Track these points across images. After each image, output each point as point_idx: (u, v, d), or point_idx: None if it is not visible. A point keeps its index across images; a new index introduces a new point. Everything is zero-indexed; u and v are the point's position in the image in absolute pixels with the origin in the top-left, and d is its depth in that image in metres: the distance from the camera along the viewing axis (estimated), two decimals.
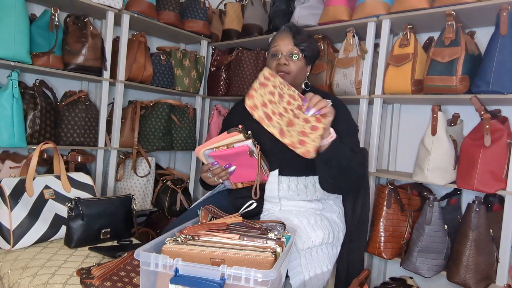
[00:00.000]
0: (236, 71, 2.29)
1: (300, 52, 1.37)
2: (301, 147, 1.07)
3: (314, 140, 1.07)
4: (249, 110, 1.08)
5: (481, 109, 1.43)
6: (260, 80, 1.11)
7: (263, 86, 1.10)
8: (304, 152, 1.07)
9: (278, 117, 1.07)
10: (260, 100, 1.07)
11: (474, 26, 1.67)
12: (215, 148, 1.17)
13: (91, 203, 1.34)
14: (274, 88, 1.10)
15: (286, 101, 1.10)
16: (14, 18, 1.58)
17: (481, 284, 1.41)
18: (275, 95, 1.09)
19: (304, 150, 1.07)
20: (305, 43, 1.38)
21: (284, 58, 1.37)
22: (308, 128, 1.09)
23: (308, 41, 1.40)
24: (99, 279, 0.98)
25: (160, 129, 2.17)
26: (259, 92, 1.09)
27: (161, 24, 2.17)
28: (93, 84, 2.14)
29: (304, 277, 1.16)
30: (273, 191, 1.28)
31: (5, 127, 1.57)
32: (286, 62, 1.36)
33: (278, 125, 1.06)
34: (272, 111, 1.07)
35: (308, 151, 1.07)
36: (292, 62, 1.37)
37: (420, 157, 1.59)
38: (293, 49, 1.37)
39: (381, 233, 1.64)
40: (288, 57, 1.37)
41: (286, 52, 1.37)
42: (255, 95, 1.08)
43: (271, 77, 1.12)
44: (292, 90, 1.13)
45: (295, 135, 1.07)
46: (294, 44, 1.37)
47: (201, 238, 0.94)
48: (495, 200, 1.52)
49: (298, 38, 1.38)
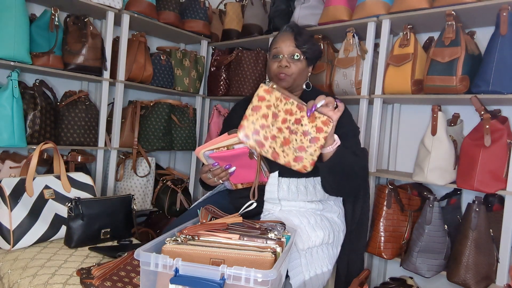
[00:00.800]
0: (236, 71, 2.29)
1: (302, 54, 1.36)
2: (297, 164, 1.09)
3: (312, 154, 1.09)
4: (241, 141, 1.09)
5: (481, 109, 1.43)
6: (253, 104, 1.08)
7: (256, 110, 1.08)
8: (300, 169, 1.10)
9: (270, 141, 1.08)
10: (251, 128, 1.07)
11: (474, 26, 1.67)
12: (215, 149, 1.17)
13: (91, 203, 1.34)
14: (268, 109, 1.08)
15: (281, 120, 1.08)
16: (14, 18, 1.58)
17: (481, 284, 1.41)
18: (268, 118, 1.08)
19: (300, 166, 1.09)
20: (307, 45, 1.37)
21: (286, 60, 1.35)
22: (306, 141, 1.09)
23: (310, 42, 1.39)
24: (99, 279, 0.98)
25: (160, 129, 2.17)
26: (251, 119, 1.07)
27: (161, 24, 2.17)
28: (93, 84, 2.14)
29: (304, 277, 1.16)
30: (273, 192, 1.28)
31: (5, 127, 1.57)
32: (287, 64, 1.35)
33: (270, 149, 1.08)
34: (264, 136, 1.07)
35: (304, 167, 1.09)
36: (293, 63, 1.36)
37: (420, 157, 1.59)
38: (294, 50, 1.36)
39: (381, 233, 1.64)
40: (290, 59, 1.36)
41: (287, 53, 1.36)
42: (245, 125, 1.07)
43: (267, 94, 1.08)
44: (290, 103, 1.09)
45: (290, 153, 1.09)
46: (296, 45, 1.36)
47: (201, 238, 0.94)
48: (495, 200, 1.52)
49: (300, 39, 1.36)
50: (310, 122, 1.10)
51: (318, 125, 1.09)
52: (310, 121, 1.10)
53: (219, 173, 1.23)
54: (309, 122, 1.10)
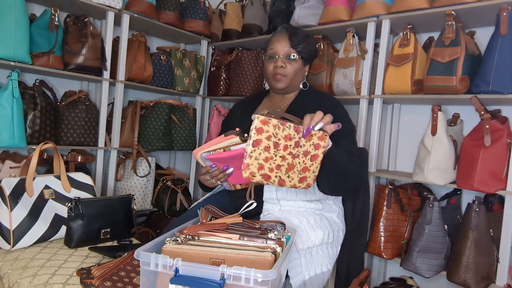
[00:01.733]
0: (236, 71, 2.29)
1: (297, 54, 1.37)
2: (302, 184, 1.12)
3: (314, 171, 1.12)
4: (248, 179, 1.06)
5: (481, 109, 1.43)
6: (253, 139, 1.03)
7: (257, 145, 1.03)
8: (305, 187, 1.13)
9: (276, 171, 1.07)
10: (256, 164, 1.04)
11: (474, 26, 1.67)
12: (212, 151, 1.17)
13: (91, 203, 1.34)
14: (268, 140, 1.04)
15: (283, 147, 1.06)
16: (14, 18, 1.58)
17: (481, 284, 1.41)
18: (270, 149, 1.05)
19: (305, 185, 1.13)
20: (302, 44, 1.37)
21: (281, 61, 1.36)
22: (308, 160, 1.11)
23: (305, 41, 1.39)
24: (99, 279, 0.98)
25: (160, 129, 2.17)
26: (254, 155, 1.04)
27: (161, 24, 2.17)
28: (93, 84, 2.14)
29: (304, 277, 1.16)
30: (272, 192, 1.28)
31: (5, 127, 1.57)
32: (283, 65, 1.36)
33: (277, 179, 1.08)
34: (269, 168, 1.06)
35: (308, 184, 1.13)
36: (289, 64, 1.36)
37: (420, 157, 1.59)
38: (290, 51, 1.36)
39: (381, 233, 1.64)
40: (285, 59, 1.36)
41: (283, 54, 1.37)
42: (250, 163, 1.04)
43: (264, 125, 1.03)
44: (287, 127, 1.06)
45: (295, 176, 1.11)
46: (291, 45, 1.36)
47: (201, 238, 0.94)
48: (495, 200, 1.52)
49: (295, 39, 1.37)
50: (307, 141, 1.09)
51: (315, 142, 1.10)
52: (307, 140, 1.09)
53: (217, 175, 1.23)
54: (306, 141, 1.09)
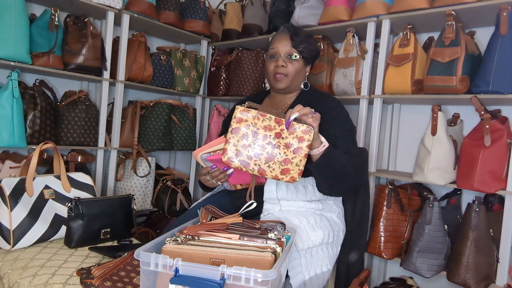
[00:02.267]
0: (236, 71, 2.29)
1: (298, 54, 1.37)
2: (285, 176, 1.11)
3: (297, 164, 1.10)
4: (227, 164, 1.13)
5: (481, 109, 1.43)
6: (232, 127, 1.11)
7: (235, 132, 1.11)
8: (289, 180, 1.11)
9: (254, 159, 1.11)
10: (234, 150, 1.11)
11: (474, 26, 1.67)
12: (212, 152, 1.18)
13: (91, 203, 1.34)
14: (247, 129, 1.11)
15: (262, 137, 1.11)
16: (14, 18, 1.58)
17: (481, 284, 1.41)
18: (248, 137, 1.11)
19: (289, 178, 1.11)
20: (304, 44, 1.37)
21: (282, 60, 1.36)
22: (290, 153, 1.10)
23: (306, 41, 1.39)
24: (99, 279, 0.98)
25: (160, 129, 2.17)
26: (232, 141, 1.11)
27: (161, 24, 2.16)
28: (93, 84, 2.14)
29: (304, 277, 1.16)
30: (272, 192, 1.28)
31: (5, 127, 1.57)
32: (284, 64, 1.36)
33: (256, 167, 1.11)
34: (247, 156, 1.11)
35: (292, 178, 1.11)
36: (290, 63, 1.37)
37: (420, 157, 1.59)
38: (291, 50, 1.36)
39: (381, 233, 1.64)
40: (286, 59, 1.37)
41: (284, 53, 1.37)
42: (228, 148, 1.11)
43: (243, 114, 1.11)
44: (267, 119, 1.11)
45: (276, 167, 1.11)
46: (292, 45, 1.36)
47: (201, 238, 0.94)
48: (495, 200, 1.52)
49: (296, 39, 1.37)
50: (290, 134, 1.10)
51: (299, 135, 1.10)
52: (290, 133, 1.10)
53: (218, 175, 1.23)
54: (289, 134, 1.10)
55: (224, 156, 1.12)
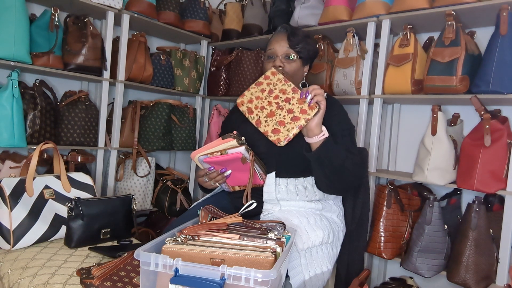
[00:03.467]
0: (236, 71, 2.29)
1: (296, 54, 1.37)
2: (273, 135, 1.18)
3: (289, 130, 1.17)
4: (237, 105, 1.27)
5: (481, 109, 1.43)
6: (258, 80, 1.28)
7: (258, 85, 1.27)
8: (275, 140, 1.18)
9: (259, 110, 1.23)
10: (249, 97, 1.26)
11: (474, 26, 1.67)
12: (209, 154, 1.19)
13: (91, 203, 1.34)
14: (267, 86, 1.26)
15: (274, 96, 1.23)
16: (14, 18, 1.58)
17: (481, 284, 1.41)
18: (264, 92, 1.25)
19: (275, 138, 1.18)
20: (301, 44, 1.37)
21: (279, 60, 1.37)
22: (288, 118, 1.18)
23: (304, 41, 1.39)
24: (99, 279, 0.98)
25: (160, 129, 2.17)
26: (251, 90, 1.27)
27: (161, 24, 2.16)
28: (93, 84, 2.14)
29: (304, 277, 1.16)
30: (271, 193, 1.28)
31: (5, 127, 1.57)
32: (281, 65, 1.36)
33: (256, 116, 1.23)
34: (255, 105, 1.24)
35: (278, 139, 1.18)
36: (287, 64, 1.37)
37: (420, 157, 1.59)
38: (288, 51, 1.37)
39: (381, 233, 1.64)
40: (284, 59, 1.37)
41: (281, 54, 1.37)
42: (245, 94, 1.27)
43: (272, 75, 1.27)
44: (288, 85, 1.23)
45: (271, 124, 1.20)
46: (290, 46, 1.37)
47: (201, 238, 0.94)
48: (495, 200, 1.52)
49: (294, 39, 1.37)
50: (298, 103, 1.18)
51: (304, 107, 1.17)
52: (299, 102, 1.18)
53: (215, 177, 1.24)
54: (297, 102, 1.19)
55: (239, 99, 1.26)
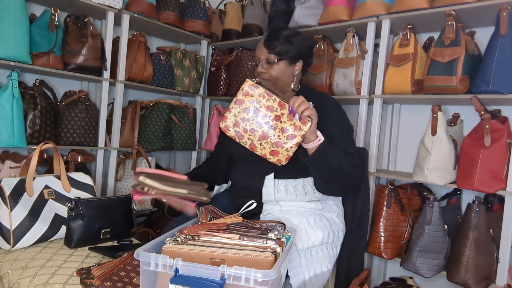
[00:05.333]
0: (236, 71, 2.29)
1: (276, 56, 1.35)
2: (273, 157, 1.17)
3: (287, 150, 1.15)
4: (223, 131, 1.19)
5: (481, 109, 1.43)
6: (237, 98, 1.18)
7: (239, 104, 1.17)
8: (275, 162, 1.18)
9: (250, 134, 1.17)
10: (233, 120, 1.17)
11: (474, 26, 1.67)
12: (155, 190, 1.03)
13: (91, 203, 1.34)
14: (250, 104, 1.16)
15: (262, 115, 1.15)
16: (14, 18, 1.58)
17: (481, 284, 1.41)
18: (249, 111, 1.16)
19: (276, 160, 1.17)
20: (280, 46, 1.34)
21: (261, 66, 1.37)
22: (284, 137, 1.15)
23: (286, 41, 1.35)
24: (99, 279, 0.98)
25: (160, 129, 2.17)
26: (233, 112, 1.17)
27: (161, 24, 2.16)
28: (93, 84, 2.14)
29: (304, 277, 1.16)
30: (270, 195, 1.28)
31: (5, 127, 1.57)
32: (263, 70, 1.37)
33: (249, 141, 1.17)
34: (243, 129, 1.17)
35: (279, 161, 1.17)
36: (269, 68, 1.36)
37: (420, 157, 1.59)
38: (268, 56, 1.36)
39: (381, 233, 1.64)
40: (265, 64, 1.37)
41: (262, 59, 1.37)
42: (227, 117, 1.18)
43: (251, 89, 1.17)
44: (272, 99, 1.16)
45: (267, 147, 1.16)
46: (268, 51, 1.36)
47: (201, 238, 0.94)
48: (495, 200, 1.52)
49: (270, 43, 1.35)
50: (289, 119, 1.15)
51: (297, 123, 1.14)
52: (289, 118, 1.15)
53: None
54: (288, 119, 1.15)
55: (222, 123, 1.18)
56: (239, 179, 1.41)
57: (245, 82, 1.17)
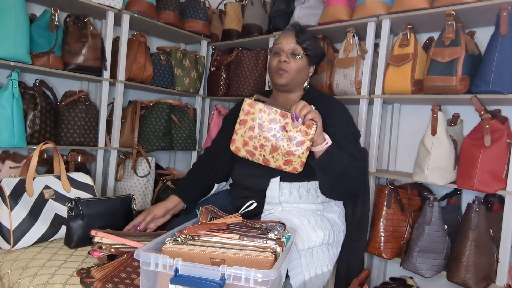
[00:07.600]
0: (236, 71, 2.29)
1: (303, 51, 1.37)
2: (288, 166, 1.19)
3: (300, 156, 1.17)
4: (234, 152, 1.24)
5: (481, 109, 1.43)
6: (240, 118, 1.21)
7: (243, 124, 1.21)
8: (291, 170, 1.20)
9: (260, 150, 1.20)
10: (241, 141, 1.22)
11: (474, 26, 1.67)
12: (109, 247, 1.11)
13: (91, 203, 1.34)
14: (253, 121, 1.19)
15: (267, 129, 1.18)
16: (14, 18, 1.58)
17: (481, 284, 1.41)
18: (255, 129, 1.19)
19: (291, 168, 1.19)
20: (309, 42, 1.37)
21: (285, 55, 1.36)
22: (293, 145, 1.16)
23: (312, 40, 1.40)
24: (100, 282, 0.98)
25: (160, 129, 2.17)
26: (239, 132, 1.22)
27: (161, 24, 2.16)
28: (93, 84, 2.14)
29: (304, 277, 1.16)
30: (274, 198, 1.29)
31: (5, 127, 1.57)
32: (286, 59, 1.35)
33: (261, 157, 1.21)
34: (253, 146, 1.20)
35: (294, 168, 1.19)
36: (293, 60, 1.36)
37: (420, 157, 1.59)
38: (295, 47, 1.36)
39: (381, 233, 1.64)
40: (290, 55, 1.36)
41: (288, 49, 1.37)
42: (235, 139, 1.23)
43: (251, 107, 1.20)
44: (273, 112, 1.18)
45: (280, 158, 1.19)
46: (297, 42, 1.36)
47: (201, 238, 0.94)
48: (495, 200, 1.52)
49: (302, 36, 1.37)
50: (294, 127, 1.16)
51: (302, 129, 1.15)
52: (294, 126, 1.16)
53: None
54: (293, 127, 1.16)
55: (232, 146, 1.23)
56: (243, 179, 1.40)
57: (244, 102, 1.20)
